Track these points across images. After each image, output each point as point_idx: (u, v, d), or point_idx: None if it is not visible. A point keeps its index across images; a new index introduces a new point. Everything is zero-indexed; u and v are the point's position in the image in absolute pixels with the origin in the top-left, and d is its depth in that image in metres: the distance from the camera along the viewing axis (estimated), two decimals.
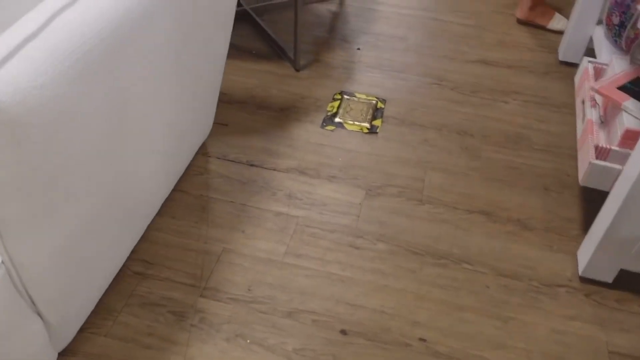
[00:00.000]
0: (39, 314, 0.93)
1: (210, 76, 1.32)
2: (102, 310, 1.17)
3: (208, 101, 1.39)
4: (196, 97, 1.26)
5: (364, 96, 1.74)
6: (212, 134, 1.58)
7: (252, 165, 1.50)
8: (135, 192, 1.08)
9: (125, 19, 0.79)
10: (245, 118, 1.64)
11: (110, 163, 0.90)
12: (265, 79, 1.79)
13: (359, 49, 1.94)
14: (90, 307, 1.11)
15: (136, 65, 0.85)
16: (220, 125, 1.61)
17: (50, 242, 0.83)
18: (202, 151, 1.52)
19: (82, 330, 1.13)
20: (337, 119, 1.65)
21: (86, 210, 0.89)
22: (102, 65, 0.75)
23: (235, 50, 1.89)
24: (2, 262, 0.80)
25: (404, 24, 2.07)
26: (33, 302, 0.90)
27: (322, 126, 1.63)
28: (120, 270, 1.24)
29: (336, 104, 1.71)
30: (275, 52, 1.90)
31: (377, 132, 1.62)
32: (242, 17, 2.06)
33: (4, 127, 0.63)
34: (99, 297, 1.14)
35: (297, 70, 1.83)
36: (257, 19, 2.03)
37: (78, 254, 0.93)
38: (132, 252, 1.27)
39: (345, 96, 1.74)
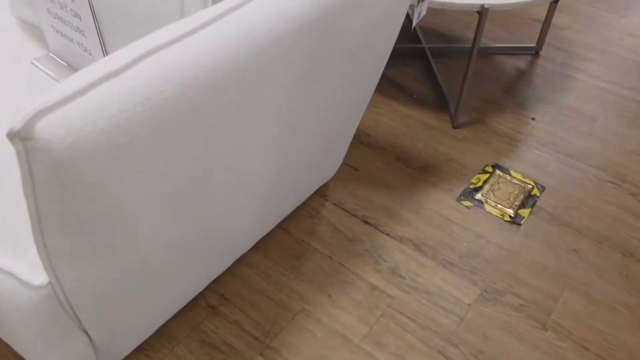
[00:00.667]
0: (85, 332, 0.91)
1: (342, 120, 1.21)
2: (165, 334, 1.14)
3: (336, 144, 1.29)
4: (319, 142, 1.17)
5: (519, 177, 1.51)
6: (339, 175, 1.48)
7: (366, 222, 1.37)
8: (220, 233, 1.02)
9: (224, 67, 0.71)
10: (379, 167, 1.51)
11: (187, 209, 0.84)
12: (416, 128, 1.64)
13: (533, 118, 1.70)
14: (151, 330, 1.08)
15: (231, 116, 0.78)
16: (350, 168, 1.50)
17: (102, 275, 0.80)
18: (322, 192, 1.43)
19: (139, 349, 1.11)
20: (478, 196, 1.45)
21: (150, 250, 0.85)
22: (182, 115, 0.69)
23: (396, 89, 1.77)
24: (50, 282, 0.79)
25: (598, 101, 1.76)
26: (79, 320, 0.88)
27: (459, 199, 1.44)
28: (196, 297, 1.20)
29: (484, 177, 1.50)
30: (437, 101, 1.74)
31: (520, 224, 1.38)
32: (416, 55, 1.92)
33: (49, 166, 0.59)
34: (163, 321, 1.11)
35: (454, 127, 1.64)
36: (432, 60, 1.88)
37: (135, 285, 0.90)
38: (214, 281, 1.23)
39: (498, 171, 1.52)
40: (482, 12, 1.42)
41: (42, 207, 0.65)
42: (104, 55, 0.95)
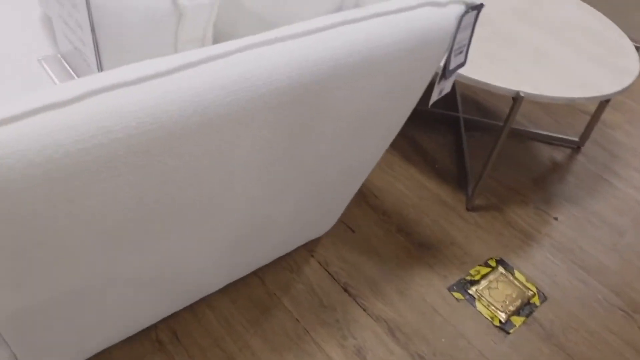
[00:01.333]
0: (8, 346, 0.87)
1: (338, 183, 1.15)
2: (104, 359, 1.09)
3: (330, 205, 1.23)
4: (307, 201, 1.11)
5: (522, 279, 1.40)
6: (334, 231, 1.41)
7: (346, 290, 1.29)
8: (175, 273, 0.97)
9: (187, 116, 0.66)
10: (377, 235, 1.43)
11: (133, 247, 0.79)
12: (428, 201, 1.55)
13: (556, 218, 1.59)
14: (88, 353, 1.03)
15: (192, 166, 0.73)
16: (347, 228, 1.43)
17: (28, 297, 0.75)
18: (310, 246, 1.37)
19: None
20: (472, 290, 1.35)
21: (86, 280, 0.80)
22: (130, 158, 0.64)
23: (419, 155, 1.69)
24: None
25: (631, 215, 1.64)
26: (1, 334, 0.84)
27: (451, 289, 1.34)
28: (148, 328, 1.15)
29: (484, 270, 1.40)
30: (458, 176, 1.65)
31: (509, 332, 1.28)
32: (449, 122, 1.84)
33: None
34: (106, 346, 1.05)
35: (468, 209, 1.55)
36: (464, 132, 1.80)
37: (66, 311, 0.85)
38: (172, 315, 1.17)
39: (501, 268, 1.42)
40: (516, 99, 1.34)
41: None
42: (99, 71, 0.92)
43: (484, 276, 1.39)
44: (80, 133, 0.58)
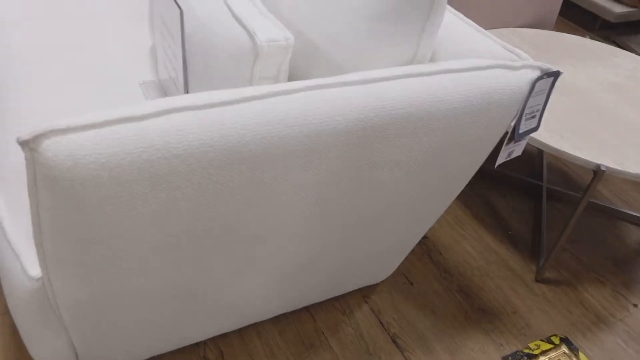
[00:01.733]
0: (68, 334, 0.95)
1: (393, 235, 1.16)
2: None
3: (385, 256, 1.24)
4: (361, 249, 1.13)
5: None
6: (392, 280, 1.41)
7: (394, 341, 1.28)
8: (225, 295, 1.02)
9: (245, 145, 0.72)
10: (436, 292, 1.41)
11: (185, 262, 0.86)
12: (494, 265, 1.51)
13: (635, 305, 1.48)
14: (139, 356, 1.10)
15: (246, 194, 0.78)
16: (405, 280, 1.43)
17: (88, 290, 0.83)
18: (366, 291, 1.37)
19: None
20: None
21: (141, 285, 0.87)
22: (188, 177, 0.71)
23: (492, 218, 1.66)
24: (42, 277, 0.84)
25: None
26: (63, 321, 0.92)
27: (505, 358, 1.29)
28: (197, 343, 1.20)
29: (545, 346, 1.33)
30: (531, 245, 1.60)
31: None
32: (530, 189, 1.80)
33: (48, 180, 0.64)
34: (156, 353, 1.12)
35: (536, 280, 1.49)
36: (544, 202, 1.74)
37: (123, 311, 0.92)
38: (221, 336, 1.22)
39: (564, 347, 1.34)
40: (597, 173, 1.30)
41: (41, 212, 0.70)
42: None
43: (544, 352, 1.32)
44: (147, 145, 0.66)
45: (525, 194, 1.78)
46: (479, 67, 0.93)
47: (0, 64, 1.19)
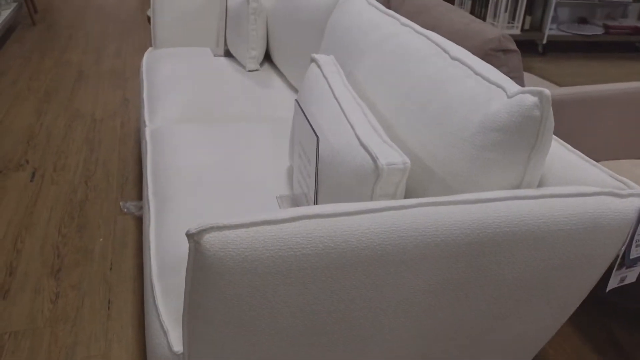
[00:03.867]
0: None
1: (504, 350, 1.18)
2: None
3: None
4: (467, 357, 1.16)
5: None
6: None
7: None
8: None
9: (362, 250, 0.84)
10: None
11: (319, 348, 0.96)
12: None
13: None
14: None
15: (369, 289, 0.89)
16: None
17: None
18: None
19: None
20: None
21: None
22: (313, 274, 0.83)
23: (614, 352, 1.58)
24: (183, 353, 0.98)
25: None
26: None
27: None
28: None
29: None
30: None
31: None
32: None
33: (203, 266, 0.80)
34: None
35: None
36: None
37: None
38: None
39: None
40: None
41: (193, 294, 0.86)
42: None
43: None
44: (282, 245, 0.81)
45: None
46: (584, 193, 1.00)
47: (166, 180, 1.45)
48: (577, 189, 1.00)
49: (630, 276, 1.12)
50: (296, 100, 1.30)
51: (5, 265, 1.70)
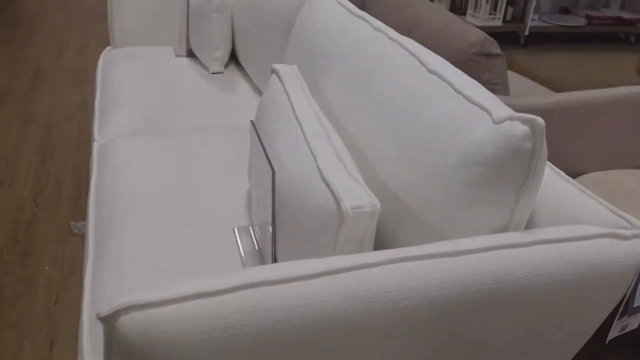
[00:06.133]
0: None
1: None
2: None
3: None
4: None
5: None
6: None
7: None
8: None
9: (317, 321, 0.69)
10: None
11: None
12: None
13: None
14: None
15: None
16: None
17: None
18: None
19: None
20: None
21: None
22: (251, 353, 0.68)
23: None
24: None
25: None
26: None
27: None
28: None
29: None
30: None
31: None
32: None
33: (122, 353, 0.64)
34: None
35: None
36: None
37: None
38: None
39: None
40: None
41: None
42: (272, 258, 1.02)
43: None
44: (220, 323, 0.65)
45: None
46: (583, 236, 0.86)
47: (109, 209, 1.28)
48: (575, 230, 0.86)
49: (632, 323, 0.99)
50: (252, 122, 1.13)
51: None
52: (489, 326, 0.80)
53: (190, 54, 2.21)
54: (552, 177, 1.00)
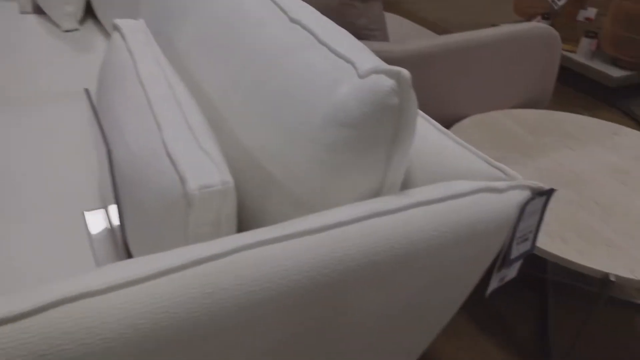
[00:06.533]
0: None
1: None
2: None
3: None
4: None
5: None
6: None
7: None
8: None
9: (180, 320, 0.58)
10: None
11: None
12: None
13: None
14: None
15: None
16: None
17: None
18: None
19: None
20: None
21: None
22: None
23: (492, 321, 1.49)
24: None
25: None
26: None
27: None
28: None
29: None
30: (539, 350, 1.42)
31: None
32: (535, 285, 1.63)
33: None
34: None
35: None
36: (550, 298, 1.57)
37: None
38: None
39: None
40: (605, 282, 1.14)
41: None
42: (123, 247, 0.89)
43: None
44: (24, 353, 0.52)
45: (530, 291, 1.61)
46: (457, 194, 0.80)
47: None
48: (447, 188, 0.80)
49: (511, 273, 0.97)
50: (86, 90, 0.96)
51: None
52: (366, 301, 0.73)
53: (38, 10, 1.93)
54: (427, 130, 0.94)
